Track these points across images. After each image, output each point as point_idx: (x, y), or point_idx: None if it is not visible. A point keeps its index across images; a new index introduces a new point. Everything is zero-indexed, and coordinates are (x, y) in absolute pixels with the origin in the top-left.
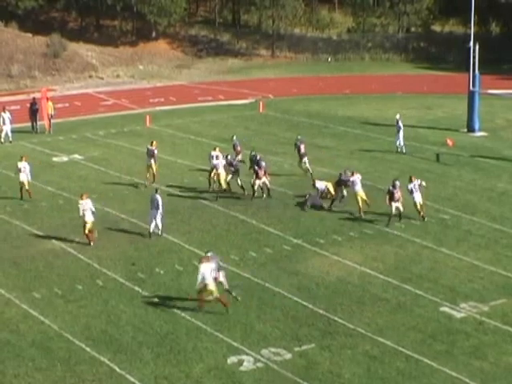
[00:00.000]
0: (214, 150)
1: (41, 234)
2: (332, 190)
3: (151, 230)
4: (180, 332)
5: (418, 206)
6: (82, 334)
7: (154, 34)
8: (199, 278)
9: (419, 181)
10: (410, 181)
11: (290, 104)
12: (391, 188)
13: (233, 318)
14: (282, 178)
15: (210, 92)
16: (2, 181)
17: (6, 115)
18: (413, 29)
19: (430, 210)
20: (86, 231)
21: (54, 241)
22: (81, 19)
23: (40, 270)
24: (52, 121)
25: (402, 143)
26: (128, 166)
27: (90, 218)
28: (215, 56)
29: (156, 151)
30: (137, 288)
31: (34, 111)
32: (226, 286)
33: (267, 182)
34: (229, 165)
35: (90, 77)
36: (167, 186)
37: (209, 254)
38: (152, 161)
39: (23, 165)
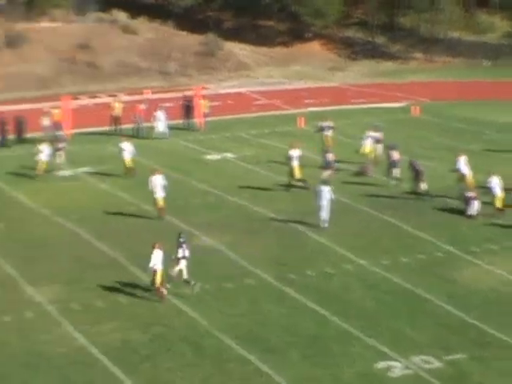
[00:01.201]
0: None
1: (192, 230)
2: None
3: (323, 225)
4: (329, 335)
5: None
6: (230, 332)
7: (308, 35)
8: (151, 263)
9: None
10: None
11: (445, 109)
12: None
13: (383, 323)
14: (435, 183)
15: (363, 94)
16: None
17: (160, 113)
18: None
19: None
20: (158, 207)
21: (204, 237)
22: (237, 18)
23: (191, 266)
24: (206, 119)
25: None
26: (279, 166)
27: (160, 194)
28: (370, 58)
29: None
30: (286, 289)
31: (187, 109)
32: (188, 279)
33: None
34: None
35: (244, 76)
36: None
37: (181, 239)
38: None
39: (124, 145)
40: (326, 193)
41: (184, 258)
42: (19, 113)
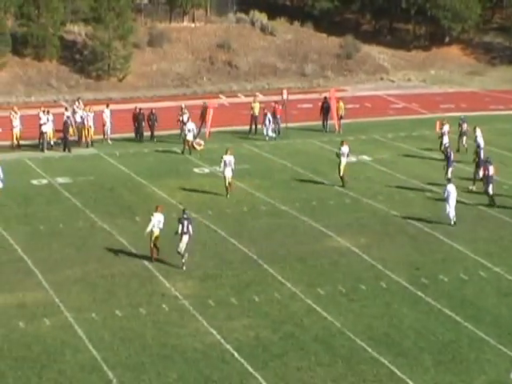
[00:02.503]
0: None
1: (327, 231)
2: None
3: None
4: (462, 341)
5: None
6: (363, 334)
7: (447, 40)
8: (150, 225)
9: None
10: None
11: None
12: None
13: None
14: None
15: (502, 101)
16: (292, 177)
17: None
18: None
19: None
20: (226, 184)
21: (339, 239)
22: (374, 22)
23: (325, 266)
24: (342, 121)
25: None
26: (415, 170)
27: (229, 174)
28: (509, 64)
29: None
30: (420, 293)
31: (325, 110)
32: (180, 250)
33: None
34: None
35: (381, 79)
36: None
37: (184, 215)
38: None
39: (190, 125)
40: (453, 190)
41: (186, 233)
42: (155, 110)
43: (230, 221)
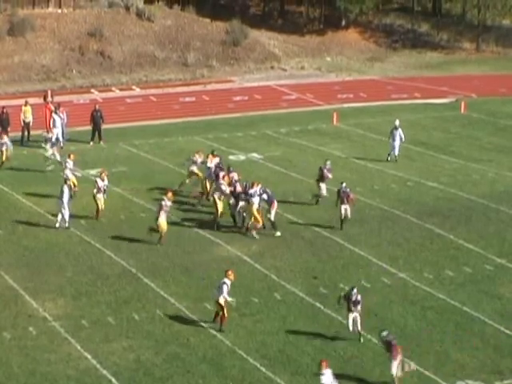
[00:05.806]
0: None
1: (215, 239)
2: None
3: None
4: (366, 356)
5: None
6: (257, 352)
7: (343, 23)
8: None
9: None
10: None
11: (497, 105)
12: None
13: (425, 343)
14: (484, 188)
15: (405, 89)
16: (174, 179)
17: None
18: None
19: None
20: None
21: (229, 247)
22: (263, 4)
23: (213, 278)
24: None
25: None
26: (312, 168)
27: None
28: (412, 48)
29: None
30: (318, 304)
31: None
32: None
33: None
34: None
35: (272, 68)
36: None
37: None
38: None
39: None
40: None
41: None
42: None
43: (106, 231)
